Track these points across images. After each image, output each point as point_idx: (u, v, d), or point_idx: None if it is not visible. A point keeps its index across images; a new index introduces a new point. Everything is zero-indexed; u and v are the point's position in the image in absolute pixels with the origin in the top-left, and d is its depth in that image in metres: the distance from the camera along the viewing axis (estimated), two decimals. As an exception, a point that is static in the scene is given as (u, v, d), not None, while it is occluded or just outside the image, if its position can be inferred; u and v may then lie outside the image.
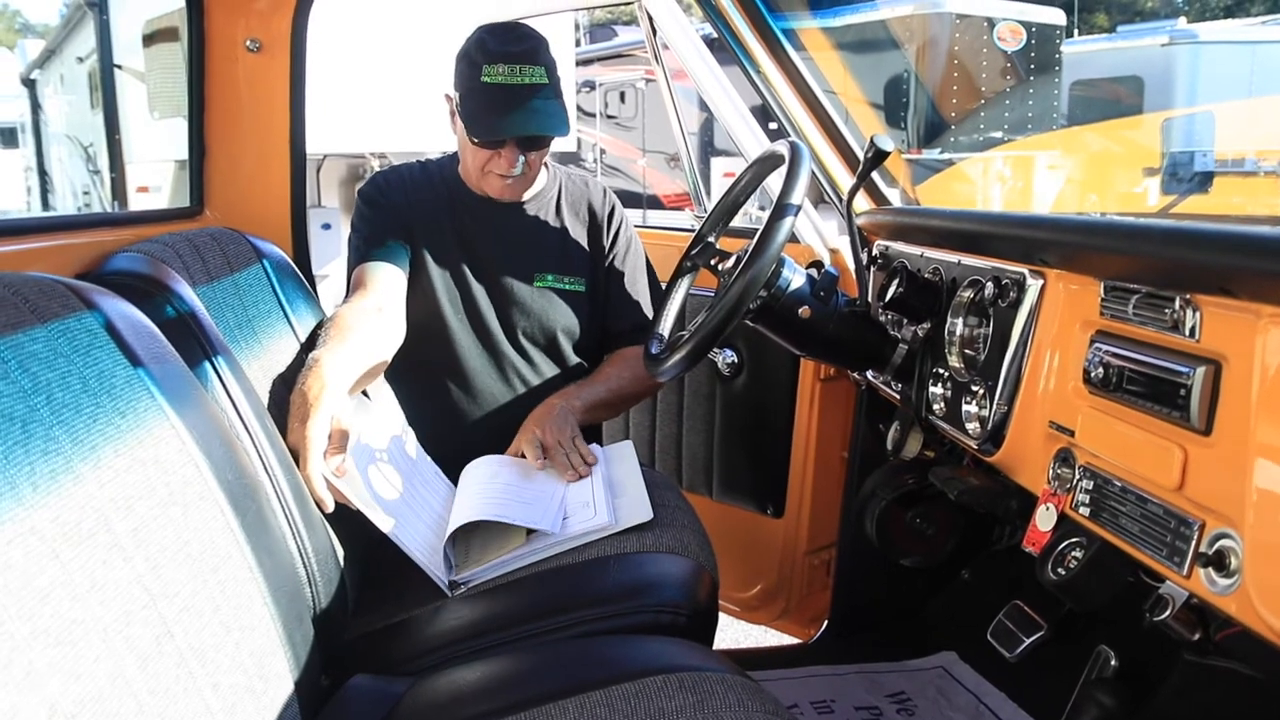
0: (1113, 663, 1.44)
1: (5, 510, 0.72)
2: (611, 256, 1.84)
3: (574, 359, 1.81)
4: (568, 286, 1.79)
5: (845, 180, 1.92)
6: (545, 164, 1.79)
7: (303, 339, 1.54)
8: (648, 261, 1.91)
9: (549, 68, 1.62)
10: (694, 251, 1.62)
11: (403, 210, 1.73)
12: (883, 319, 1.58)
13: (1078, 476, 1.11)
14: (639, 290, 1.87)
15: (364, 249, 1.69)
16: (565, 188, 1.84)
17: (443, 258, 1.73)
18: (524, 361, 1.77)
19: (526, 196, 1.77)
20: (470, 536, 1.42)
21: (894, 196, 1.93)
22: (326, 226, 6.83)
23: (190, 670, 0.84)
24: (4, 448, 0.75)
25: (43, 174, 11.76)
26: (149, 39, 5.99)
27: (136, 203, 6.70)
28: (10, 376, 0.80)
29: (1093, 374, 1.08)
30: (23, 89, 12.60)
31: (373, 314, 1.56)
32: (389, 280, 1.66)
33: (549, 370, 1.79)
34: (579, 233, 1.82)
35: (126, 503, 0.85)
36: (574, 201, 1.84)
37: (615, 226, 1.85)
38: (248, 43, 1.73)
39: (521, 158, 1.64)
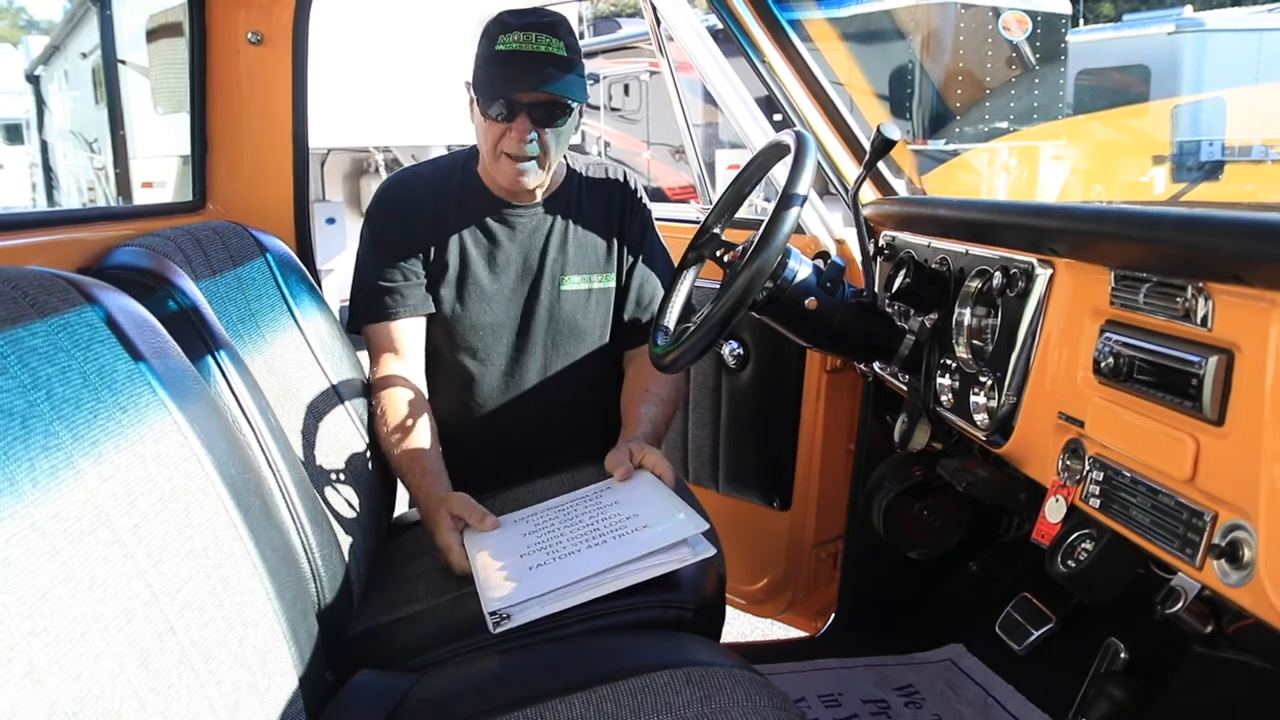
0: (1122, 655, 1.43)
1: (5, 506, 0.71)
2: (634, 243, 1.78)
3: (605, 357, 1.77)
4: (596, 285, 1.74)
5: (851, 170, 1.91)
6: (564, 158, 1.73)
7: (307, 333, 1.53)
8: (664, 248, 1.84)
9: (569, 43, 1.55)
10: (699, 243, 1.61)
11: (417, 230, 1.67)
12: (889, 310, 1.57)
13: (1088, 468, 1.10)
14: (659, 279, 1.80)
15: (381, 295, 1.65)
16: (585, 183, 1.77)
17: (464, 268, 1.69)
18: (554, 363, 1.73)
19: (545, 195, 1.71)
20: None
21: (900, 187, 1.92)
22: (331, 221, 6.85)
23: (193, 667, 0.84)
24: (3, 443, 0.74)
25: (48, 170, 11.78)
26: (152, 34, 5.99)
27: (142, 198, 6.69)
28: (10, 371, 0.80)
29: (1103, 364, 1.06)
30: (27, 85, 12.61)
31: (418, 387, 1.64)
32: (416, 336, 1.68)
33: (579, 371, 1.75)
34: (603, 227, 1.75)
35: (128, 498, 0.84)
36: (595, 195, 1.77)
37: (637, 212, 1.78)
38: (249, 35, 1.73)
39: (534, 133, 1.56)
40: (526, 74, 1.52)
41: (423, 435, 1.57)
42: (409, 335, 1.67)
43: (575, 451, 1.66)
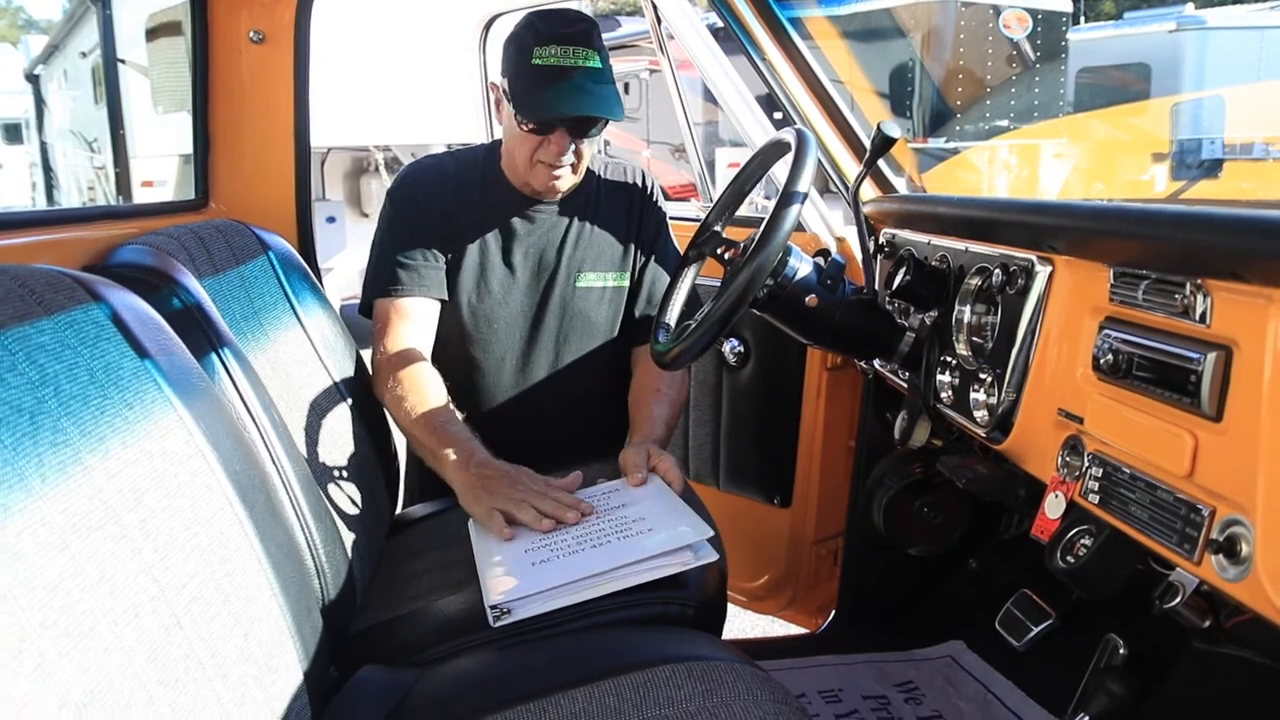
0: (1122, 651, 1.43)
1: (14, 502, 0.72)
2: (648, 243, 1.78)
3: (614, 353, 1.77)
4: (611, 283, 1.75)
5: (851, 168, 1.92)
6: None
7: (309, 330, 1.54)
8: (677, 248, 1.84)
9: (601, 53, 1.56)
10: (700, 240, 1.62)
11: (437, 218, 1.67)
12: (890, 307, 1.58)
13: (1087, 464, 1.11)
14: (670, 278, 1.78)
15: (396, 270, 1.65)
16: (604, 183, 1.77)
17: (480, 261, 1.69)
18: (564, 357, 1.74)
19: (566, 191, 1.70)
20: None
21: (900, 184, 1.92)
22: (331, 219, 6.85)
23: (200, 661, 0.85)
24: (12, 439, 0.75)
25: (48, 170, 11.77)
26: (152, 33, 5.99)
27: (141, 197, 6.69)
28: (18, 369, 0.80)
29: (1102, 361, 1.07)
30: (27, 85, 12.60)
31: (430, 365, 1.61)
32: (429, 318, 1.67)
33: (588, 365, 1.75)
34: (620, 228, 1.76)
35: (135, 494, 0.85)
36: (613, 195, 1.77)
37: (653, 212, 1.79)
38: (251, 34, 1.74)
39: (571, 145, 1.58)
40: (569, 97, 1.52)
41: (451, 407, 1.55)
42: (422, 314, 1.66)
43: (582, 446, 1.66)
